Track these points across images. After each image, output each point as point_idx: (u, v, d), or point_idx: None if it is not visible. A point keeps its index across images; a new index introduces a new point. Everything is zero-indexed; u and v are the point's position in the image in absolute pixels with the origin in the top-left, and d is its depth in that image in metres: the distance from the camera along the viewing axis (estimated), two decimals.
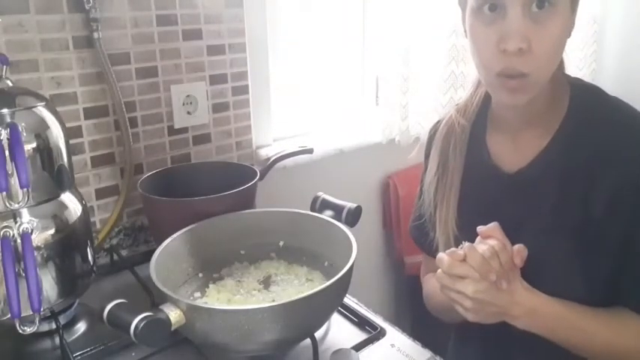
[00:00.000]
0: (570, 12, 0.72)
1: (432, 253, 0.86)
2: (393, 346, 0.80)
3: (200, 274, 0.89)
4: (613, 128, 0.74)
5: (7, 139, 0.70)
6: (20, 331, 0.71)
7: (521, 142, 0.80)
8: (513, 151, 0.81)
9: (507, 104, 0.77)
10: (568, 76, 0.81)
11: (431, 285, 0.93)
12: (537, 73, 0.70)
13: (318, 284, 0.85)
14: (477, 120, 0.86)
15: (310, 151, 1.21)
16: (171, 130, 1.17)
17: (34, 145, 0.75)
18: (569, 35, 0.73)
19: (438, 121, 0.93)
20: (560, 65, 0.79)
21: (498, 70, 0.71)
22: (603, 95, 0.79)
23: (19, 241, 0.72)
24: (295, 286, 0.86)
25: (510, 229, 0.76)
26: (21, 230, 0.72)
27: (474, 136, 0.86)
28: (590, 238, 0.74)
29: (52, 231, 0.78)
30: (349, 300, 0.90)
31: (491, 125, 0.85)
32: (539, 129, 0.78)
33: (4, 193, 0.68)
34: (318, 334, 0.80)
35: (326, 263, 0.89)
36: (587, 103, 0.77)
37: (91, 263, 0.87)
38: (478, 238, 0.76)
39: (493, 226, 0.76)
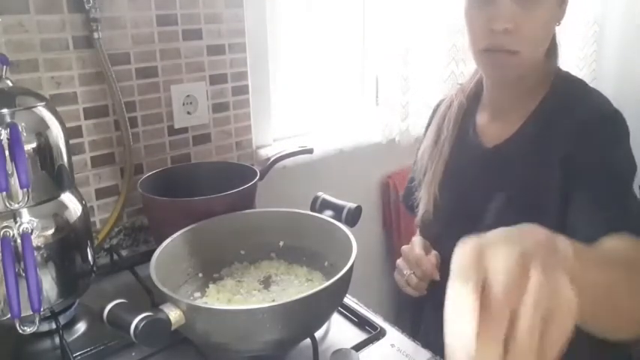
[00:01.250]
0: (557, 1, 0.80)
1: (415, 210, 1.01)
2: (393, 346, 0.80)
3: (200, 274, 0.89)
4: (583, 114, 0.80)
5: (7, 139, 0.70)
6: (20, 331, 0.71)
7: (505, 120, 0.88)
8: (496, 130, 0.89)
9: (495, 78, 0.87)
10: (558, 69, 0.89)
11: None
12: (525, 51, 0.79)
13: (318, 284, 0.85)
14: (473, 99, 0.95)
15: (310, 151, 1.21)
16: (171, 130, 1.17)
17: (34, 145, 0.75)
18: (556, 23, 0.83)
19: (441, 100, 1.03)
20: (554, 57, 0.88)
21: (484, 47, 0.80)
22: (584, 87, 0.85)
23: (19, 241, 0.72)
24: (295, 286, 0.86)
25: (480, 199, 0.84)
26: (21, 230, 0.72)
27: (468, 114, 0.95)
28: (553, 216, 0.78)
29: (52, 231, 0.78)
30: (349, 300, 0.90)
31: (482, 104, 0.94)
32: (521, 109, 0.85)
33: (4, 193, 0.69)
34: (318, 334, 0.80)
35: (326, 263, 0.89)
36: (565, 91, 0.84)
37: (91, 263, 0.87)
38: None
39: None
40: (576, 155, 0.77)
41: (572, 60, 1.95)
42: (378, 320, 0.86)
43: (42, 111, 0.78)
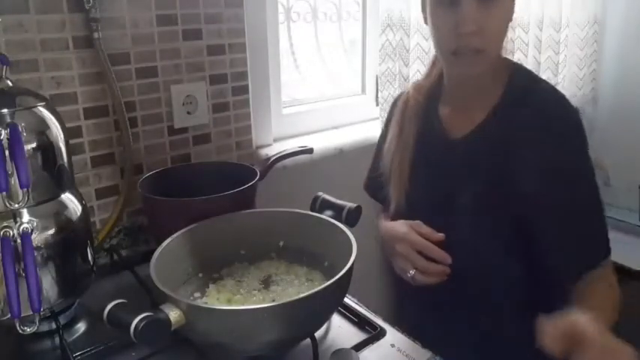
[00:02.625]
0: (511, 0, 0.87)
1: (386, 202, 1.05)
2: (393, 346, 0.80)
3: (200, 274, 0.89)
4: (537, 110, 0.86)
5: (7, 139, 0.70)
6: (20, 331, 0.71)
7: (467, 113, 0.93)
8: (460, 121, 0.94)
9: (463, 75, 0.93)
10: (507, 59, 0.95)
11: (383, 226, 1.05)
12: (490, 49, 0.86)
13: (318, 284, 0.85)
14: (433, 94, 1.00)
15: (310, 151, 1.21)
16: (171, 130, 1.17)
17: (34, 145, 0.75)
18: (510, 19, 0.89)
19: (400, 94, 1.09)
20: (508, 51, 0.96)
21: (454, 49, 0.86)
22: (536, 79, 0.93)
23: (19, 241, 0.72)
24: (295, 286, 0.86)
25: (448, 190, 0.90)
26: (21, 230, 0.72)
27: (429, 108, 1.00)
28: (514, 201, 0.85)
29: (52, 231, 0.78)
30: (349, 300, 0.90)
31: (444, 99, 0.99)
32: (483, 102, 0.91)
33: (4, 193, 0.69)
34: (318, 334, 0.80)
35: (326, 263, 0.89)
36: (522, 85, 0.90)
37: (91, 263, 0.87)
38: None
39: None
40: (538, 162, 0.83)
41: (573, 60, 1.96)
42: (378, 320, 0.86)
43: (42, 111, 0.78)
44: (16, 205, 0.71)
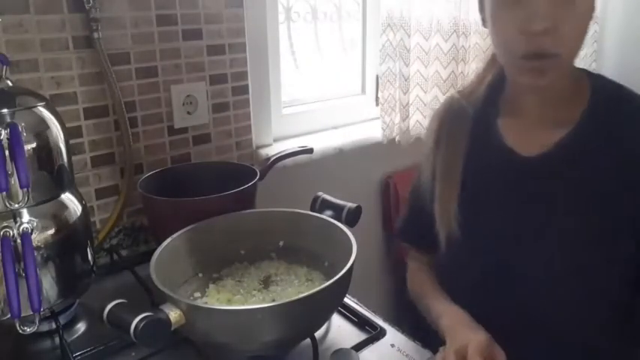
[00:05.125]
0: None
1: (424, 245, 0.95)
2: (393, 346, 0.80)
3: (200, 274, 0.89)
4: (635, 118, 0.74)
5: (7, 139, 0.70)
6: (20, 331, 0.71)
7: (540, 128, 0.79)
8: (531, 137, 0.80)
9: (530, 85, 0.77)
10: (584, 69, 0.81)
11: (413, 275, 1.00)
12: (566, 53, 0.72)
13: (318, 284, 0.85)
14: (486, 105, 0.85)
15: (310, 151, 1.21)
16: (171, 130, 1.17)
17: (34, 145, 0.75)
18: (591, 17, 0.73)
19: (440, 106, 0.94)
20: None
21: (523, 52, 0.71)
22: (627, 91, 0.79)
23: (19, 241, 0.72)
24: (295, 286, 0.86)
25: (528, 216, 0.77)
26: (21, 230, 0.72)
27: (482, 121, 0.85)
28: (618, 241, 0.72)
29: (52, 231, 0.78)
30: (349, 300, 0.90)
31: (504, 110, 0.84)
32: (560, 117, 0.78)
33: (4, 193, 0.68)
34: (318, 334, 0.80)
35: (326, 263, 0.89)
36: (610, 97, 0.77)
37: (91, 263, 0.87)
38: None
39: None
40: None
41: None
42: (378, 320, 0.86)
43: (42, 111, 0.78)
44: (16, 205, 0.71)
